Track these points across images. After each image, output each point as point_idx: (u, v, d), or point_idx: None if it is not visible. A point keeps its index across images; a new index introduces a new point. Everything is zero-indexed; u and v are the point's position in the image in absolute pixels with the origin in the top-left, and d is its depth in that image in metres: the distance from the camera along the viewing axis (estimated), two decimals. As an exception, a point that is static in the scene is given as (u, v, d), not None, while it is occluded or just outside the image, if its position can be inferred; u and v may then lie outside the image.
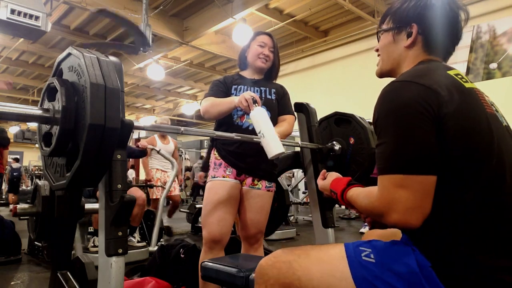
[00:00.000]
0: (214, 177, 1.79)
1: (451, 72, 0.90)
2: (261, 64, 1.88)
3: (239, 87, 1.86)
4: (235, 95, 1.81)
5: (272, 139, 1.51)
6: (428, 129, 0.79)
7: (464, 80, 0.89)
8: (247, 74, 1.94)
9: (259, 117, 1.55)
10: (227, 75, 1.96)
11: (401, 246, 0.86)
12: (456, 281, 0.78)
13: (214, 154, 1.84)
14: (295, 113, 1.98)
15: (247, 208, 1.82)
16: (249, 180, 1.81)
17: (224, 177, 1.77)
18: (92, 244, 3.25)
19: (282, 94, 1.96)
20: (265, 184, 1.83)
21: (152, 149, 4.24)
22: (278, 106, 1.90)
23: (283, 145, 1.71)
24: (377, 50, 1.10)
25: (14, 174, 9.52)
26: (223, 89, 1.84)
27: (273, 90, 1.92)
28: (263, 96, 1.87)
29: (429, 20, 0.95)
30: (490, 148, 0.83)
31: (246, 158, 1.77)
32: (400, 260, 0.82)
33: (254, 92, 1.84)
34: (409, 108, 0.81)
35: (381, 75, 1.10)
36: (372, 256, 0.85)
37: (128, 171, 6.97)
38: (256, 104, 1.58)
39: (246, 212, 1.83)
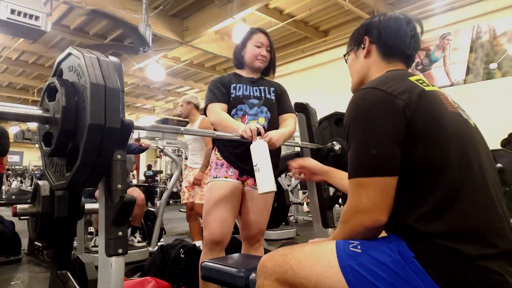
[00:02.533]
0: (216, 177, 1.79)
1: (412, 78, 0.97)
2: (259, 64, 1.87)
3: (238, 85, 1.85)
4: (235, 94, 1.82)
5: (267, 175, 1.52)
6: (388, 132, 0.86)
7: (425, 84, 0.97)
8: (244, 73, 1.93)
9: (259, 150, 1.55)
10: (223, 75, 1.94)
11: (386, 238, 0.92)
12: (439, 269, 0.82)
13: (216, 154, 1.83)
14: (296, 113, 1.97)
15: (248, 209, 1.82)
16: (250, 180, 1.80)
17: (226, 177, 1.77)
18: (93, 244, 3.25)
19: (281, 92, 1.94)
20: None
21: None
22: (278, 105, 1.89)
23: (284, 145, 1.71)
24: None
25: None
26: (223, 90, 1.83)
27: (271, 89, 1.91)
28: (263, 95, 1.86)
29: (376, 30, 1.09)
30: (454, 143, 0.89)
31: (249, 159, 1.76)
32: (383, 250, 0.87)
33: (254, 90, 1.85)
34: (370, 113, 0.90)
35: (354, 91, 1.17)
36: (359, 247, 0.90)
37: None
38: (260, 137, 1.58)
39: (248, 213, 1.82)
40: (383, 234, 1.12)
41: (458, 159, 0.87)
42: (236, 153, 1.78)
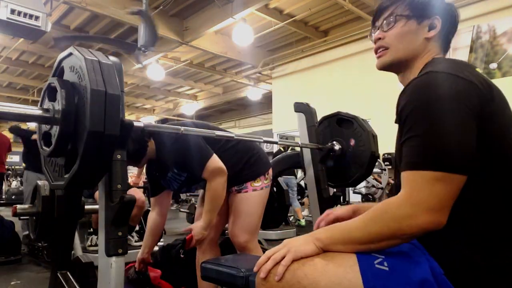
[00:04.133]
0: None
1: (479, 70, 0.88)
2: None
3: (162, 182, 1.85)
4: (171, 188, 1.86)
5: None
6: (471, 126, 0.75)
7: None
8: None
9: None
10: (147, 165, 1.88)
11: (413, 251, 0.83)
12: (474, 286, 0.76)
13: None
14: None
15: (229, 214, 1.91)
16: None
17: None
18: (90, 243, 3.24)
19: (180, 161, 1.73)
20: (234, 189, 1.86)
21: None
22: (189, 170, 1.74)
23: (284, 145, 1.71)
24: (379, 39, 0.99)
25: None
26: (156, 184, 1.89)
27: (174, 169, 1.77)
28: (179, 182, 1.82)
29: (448, 17, 0.95)
30: None
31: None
32: (414, 268, 0.77)
33: (172, 184, 1.82)
34: (452, 101, 0.75)
35: (390, 66, 0.99)
36: (385, 264, 0.78)
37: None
38: None
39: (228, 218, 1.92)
40: None
41: None
42: None
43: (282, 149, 5.36)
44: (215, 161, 1.65)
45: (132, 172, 4.38)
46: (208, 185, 1.65)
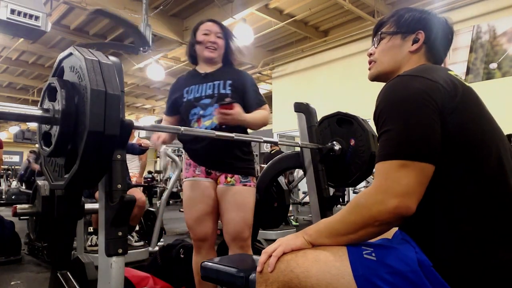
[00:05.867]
0: (186, 178, 1.79)
1: (452, 73, 0.93)
2: (209, 54, 1.75)
3: (190, 88, 1.76)
4: (187, 98, 1.75)
5: None
6: (434, 119, 0.82)
7: (463, 80, 0.94)
8: (200, 68, 1.83)
9: None
10: (180, 77, 1.88)
11: (402, 244, 0.87)
12: (463, 279, 0.79)
13: (186, 156, 1.84)
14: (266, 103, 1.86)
15: (226, 208, 1.72)
16: (222, 178, 1.73)
17: (194, 176, 1.75)
18: (90, 243, 3.24)
19: (243, 83, 1.75)
20: (239, 179, 1.72)
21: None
22: (242, 99, 1.72)
23: (283, 145, 1.72)
24: (370, 55, 1.12)
25: None
26: (172, 100, 1.82)
27: (228, 82, 1.73)
28: (217, 92, 1.72)
29: (434, 30, 1.02)
30: (491, 143, 0.86)
31: (211, 153, 1.70)
32: (401, 258, 0.82)
33: (206, 88, 1.73)
34: (416, 98, 0.83)
35: (377, 77, 1.11)
36: (373, 254, 0.84)
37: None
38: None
39: (226, 212, 1.72)
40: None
41: (493, 162, 0.84)
42: (197, 149, 1.73)
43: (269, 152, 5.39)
44: (268, 110, 1.80)
45: (132, 172, 4.39)
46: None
